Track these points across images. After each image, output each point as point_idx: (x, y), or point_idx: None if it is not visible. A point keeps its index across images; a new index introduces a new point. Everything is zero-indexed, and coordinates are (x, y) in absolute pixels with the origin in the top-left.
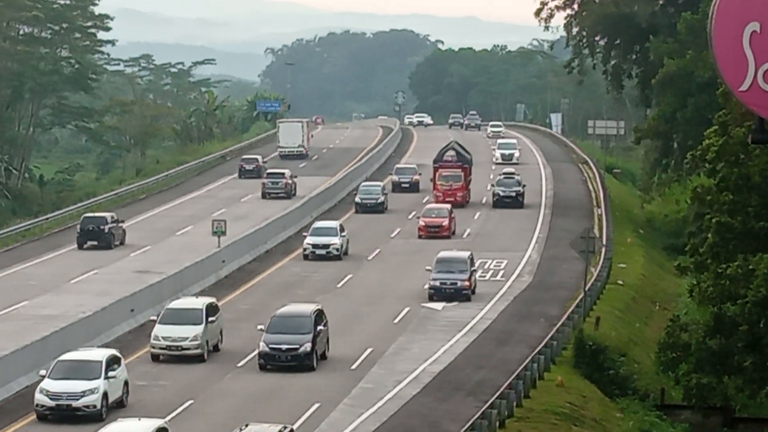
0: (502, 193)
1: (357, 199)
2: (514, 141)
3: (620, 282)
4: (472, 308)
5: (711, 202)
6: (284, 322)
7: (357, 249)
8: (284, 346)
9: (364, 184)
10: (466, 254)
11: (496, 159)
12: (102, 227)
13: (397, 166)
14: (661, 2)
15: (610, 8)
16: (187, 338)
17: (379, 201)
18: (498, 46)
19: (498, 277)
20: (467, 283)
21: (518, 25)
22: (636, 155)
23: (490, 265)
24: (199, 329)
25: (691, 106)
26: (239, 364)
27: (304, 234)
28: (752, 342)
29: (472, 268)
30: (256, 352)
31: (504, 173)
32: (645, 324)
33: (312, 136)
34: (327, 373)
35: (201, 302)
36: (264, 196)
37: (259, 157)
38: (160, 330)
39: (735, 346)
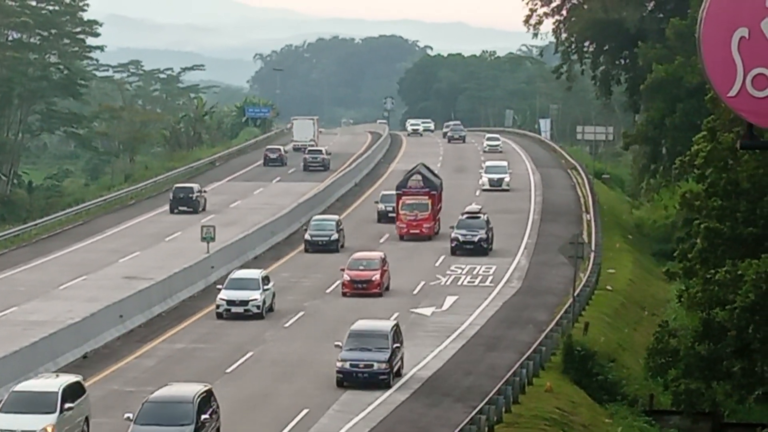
0: (461, 238)
1: (306, 236)
2: (504, 164)
3: (609, 288)
4: (461, 314)
5: (700, 208)
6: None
7: (285, 304)
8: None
9: (315, 218)
10: (389, 325)
11: (483, 185)
12: (190, 195)
13: (384, 193)
14: (649, 8)
15: (599, 14)
16: None
17: (332, 238)
18: (487, 51)
19: (487, 283)
20: (385, 366)
21: (507, 30)
22: (625, 161)
23: (479, 270)
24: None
25: (680, 111)
26: (228, 370)
27: (219, 287)
28: (741, 347)
29: (395, 345)
30: (246, 356)
31: (467, 212)
32: (634, 329)
33: (321, 131)
34: (316, 379)
35: (58, 384)
36: (305, 168)
37: (282, 147)
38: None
39: (724, 351)
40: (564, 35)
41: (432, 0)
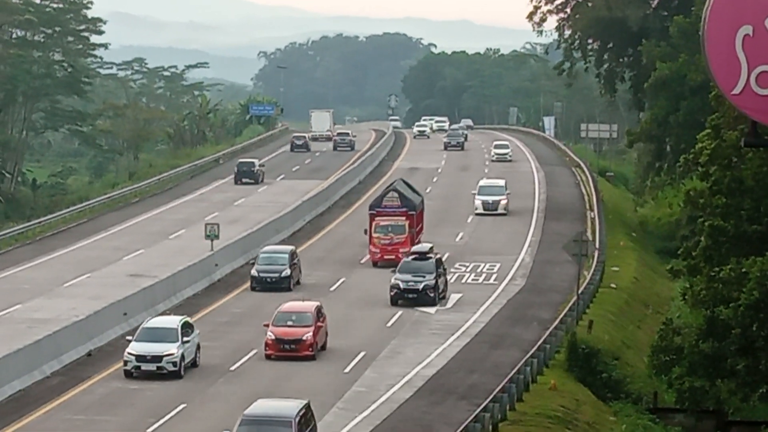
0: (402, 285)
1: (253, 271)
2: (502, 183)
3: (613, 285)
4: (465, 312)
5: (704, 206)
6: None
7: (211, 358)
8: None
9: (265, 249)
10: (295, 406)
11: (477, 209)
12: (252, 169)
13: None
14: (653, 6)
15: (603, 12)
16: None
17: (283, 275)
18: (491, 49)
19: (491, 281)
20: None
21: (511, 28)
22: (629, 159)
23: (483, 268)
24: None
25: (684, 109)
26: (232, 368)
27: (128, 338)
28: (745, 345)
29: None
30: (250, 354)
31: (412, 253)
32: (638, 327)
33: (335, 123)
34: (320, 376)
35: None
36: (335, 148)
37: (307, 135)
38: None
39: (728, 349)
40: (567, 33)
41: None
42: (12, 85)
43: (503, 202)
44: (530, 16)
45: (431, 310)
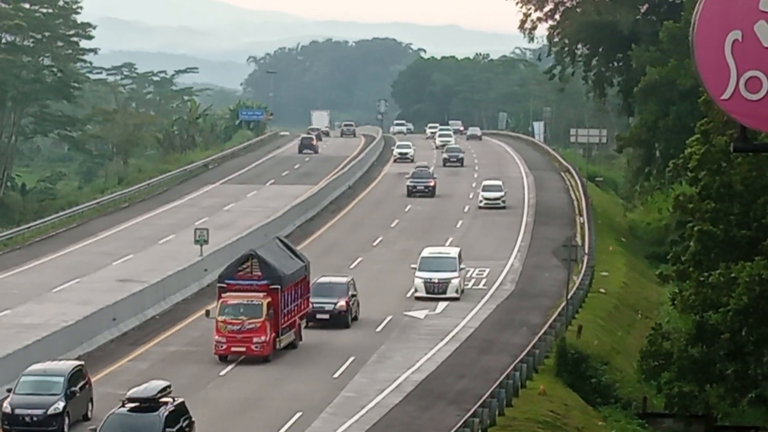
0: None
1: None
2: (453, 256)
3: (602, 290)
4: (454, 317)
5: (693, 211)
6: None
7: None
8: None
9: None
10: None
11: (415, 291)
12: (312, 142)
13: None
14: (643, 10)
15: (592, 16)
16: None
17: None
18: (480, 54)
19: (480, 286)
20: None
21: (500, 33)
22: (618, 164)
23: (472, 273)
24: None
25: (673, 114)
26: (221, 373)
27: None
28: (734, 350)
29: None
30: (239, 359)
31: (130, 399)
32: (627, 332)
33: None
34: (309, 382)
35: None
36: (342, 135)
37: (321, 128)
38: None
39: (717, 354)
40: (557, 39)
41: (425, 3)
42: (1, 90)
43: (454, 282)
44: (521, 25)
45: (420, 314)
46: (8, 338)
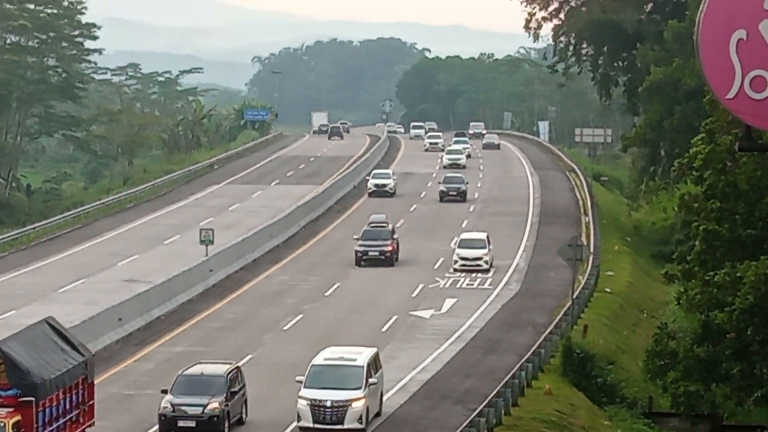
0: None
1: None
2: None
3: (608, 290)
4: (460, 317)
5: (698, 210)
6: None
7: (284, 307)
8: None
9: None
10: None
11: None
12: (340, 131)
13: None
14: (647, 9)
15: (597, 15)
16: None
17: None
18: (485, 54)
19: (486, 286)
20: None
21: (505, 33)
22: (623, 163)
23: (477, 273)
24: None
25: (678, 113)
26: None
27: None
28: (740, 350)
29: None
30: (244, 360)
31: None
32: (633, 332)
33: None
34: None
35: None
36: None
37: (338, 123)
38: None
39: (723, 353)
40: (562, 38)
41: (430, 2)
42: (6, 90)
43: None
44: (526, 25)
45: (426, 314)
46: None
